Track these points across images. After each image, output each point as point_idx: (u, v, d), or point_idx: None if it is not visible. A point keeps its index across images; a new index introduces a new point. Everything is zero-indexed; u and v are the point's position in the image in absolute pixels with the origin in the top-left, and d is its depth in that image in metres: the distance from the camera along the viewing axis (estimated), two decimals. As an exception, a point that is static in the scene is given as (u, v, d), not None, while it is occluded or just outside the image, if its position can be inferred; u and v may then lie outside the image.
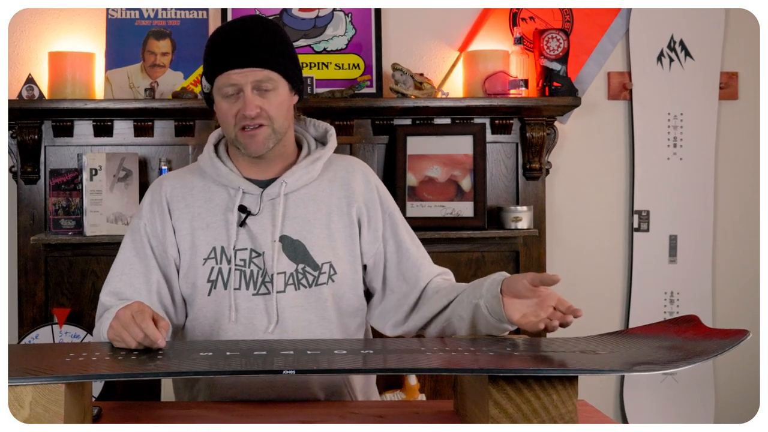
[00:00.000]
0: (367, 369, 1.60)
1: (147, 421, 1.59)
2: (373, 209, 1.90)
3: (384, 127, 3.04)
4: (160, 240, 1.86)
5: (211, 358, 1.52)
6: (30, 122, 2.97)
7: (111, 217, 2.92)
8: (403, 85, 2.97)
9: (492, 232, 2.99)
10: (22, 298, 3.01)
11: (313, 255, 1.84)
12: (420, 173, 3.02)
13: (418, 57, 3.12)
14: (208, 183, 1.88)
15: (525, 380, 1.41)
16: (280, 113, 1.80)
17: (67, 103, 2.91)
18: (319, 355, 1.55)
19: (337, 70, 3.05)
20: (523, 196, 3.09)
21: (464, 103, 2.96)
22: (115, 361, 1.54)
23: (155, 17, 3.04)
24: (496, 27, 3.10)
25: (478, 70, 3.02)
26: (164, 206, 1.87)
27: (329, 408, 1.72)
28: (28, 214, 3.03)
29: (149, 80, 3.02)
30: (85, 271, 3.00)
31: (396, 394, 2.98)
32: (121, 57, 3.03)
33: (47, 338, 2.96)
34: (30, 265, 3.01)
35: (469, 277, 3.04)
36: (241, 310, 1.82)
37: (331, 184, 1.89)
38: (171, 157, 3.03)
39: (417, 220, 2.97)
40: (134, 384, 2.95)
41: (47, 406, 1.38)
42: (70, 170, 2.97)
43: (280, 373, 1.42)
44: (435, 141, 3.03)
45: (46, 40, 3.08)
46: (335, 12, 3.07)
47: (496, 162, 3.09)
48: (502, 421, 1.41)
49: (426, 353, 1.56)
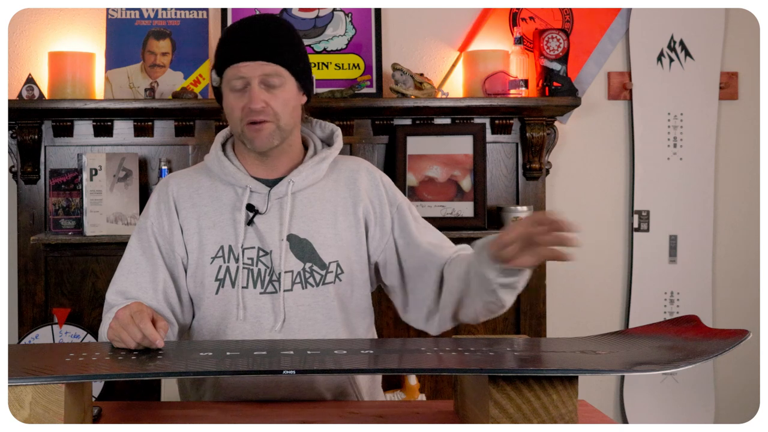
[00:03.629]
0: (367, 369, 1.60)
1: (147, 421, 1.60)
2: (380, 205, 1.90)
3: (384, 127, 3.04)
4: (167, 239, 1.86)
5: (211, 358, 1.52)
6: (30, 122, 2.97)
7: (111, 217, 2.92)
8: (403, 85, 2.96)
9: (492, 232, 2.98)
10: (22, 298, 3.01)
11: (321, 254, 1.84)
12: (420, 173, 3.02)
13: (418, 57, 3.12)
14: (216, 182, 1.88)
15: (525, 380, 1.41)
16: (286, 110, 1.80)
17: (67, 103, 2.90)
18: (320, 355, 1.55)
19: (337, 70, 3.05)
20: (523, 196, 3.09)
21: (464, 103, 2.96)
22: (115, 361, 1.54)
23: (155, 17, 3.04)
24: (496, 27, 3.10)
25: (478, 70, 3.02)
26: (171, 205, 1.88)
27: (329, 408, 1.72)
28: (28, 214, 3.03)
29: (149, 80, 3.02)
30: (85, 271, 3.00)
31: (396, 394, 2.98)
32: (121, 57, 3.02)
33: (47, 338, 2.95)
34: (30, 265, 3.01)
35: (469, 277, 3.05)
36: (249, 309, 1.82)
37: (336, 183, 1.89)
38: (171, 157, 3.02)
39: (417, 220, 2.98)
40: (134, 384, 2.95)
41: (47, 406, 1.38)
42: (70, 170, 2.97)
43: (280, 373, 1.42)
44: (435, 141, 3.03)
45: (46, 40, 3.07)
46: (335, 12, 3.07)
47: (496, 162, 3.09)
48: (502, 421, 1.41)
49: (426, 353, 1.56)
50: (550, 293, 3.11)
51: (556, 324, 3.14)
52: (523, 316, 3.07)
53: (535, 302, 3.07)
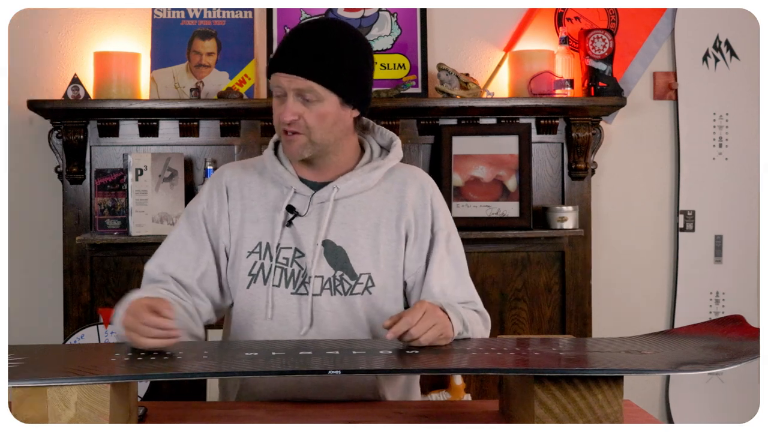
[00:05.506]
0: (413, 369, 1.58)
1: (193, 421, 1.59)
2: (423, 227, 1.86)
3: (429, 127, 3.04)
4: (215, 226, 1.87)
5: (256, 358, 1.52)
6: (75, 122, 2.97)
7: (156, 217, 2.92)
8: (449, 85, 2.96)
9: (537, 232, 2.98)
10: (68, 298, 3.01)
11: (354, 264, 1.82)
12: (465, 173, 3.02)
13: (464, 57, 3.11)
14: (265, 179, 1.88)
15: (570, 380, 1.41)
16: (321, 125, 1.76)
17: (113, 103, 2.91)
18: (365, 355, 1.55)
19: (383, 70, 3.04)
20: (569, 196, 3.09)
21: (510, 103, 2.96)
22: (160, 361, 1.53)
23: (201, 17, 3.04)
24: (541, 27, 3.09)
25: (523, 70, 3.02)
26: (223, 193, 1.88)
27: (375, 408, 1.71)
28: (74, 214, 3.03)
29: (194, 80, 3.02)
30: (130, 272, 3.00)
31: (441, 394, 2.98)
32: (166, 57, 3.02)
33: (93, 338, 2.95)
34: (75, 266, 3.01)
35: (515, 277, 3.05)
36: (277, 308, 1.82)
37: (386, 194, 1.86)
38: (216, 157, 3.02)
39: (462, 220, 2.96)
40: (180, 384, 2.94)
41: (92, 406, 1.38)
42: (115, 170, 2.97)
43: (325, 374, 1.43)
44: (480, 141, 3.02)
45: (92, 40, 3.07)
46: (381, 12, 3.07)
47: (541, 162, 3.09)
48: (547, 421, 1.41)
49: (472, 353, 1.57)
50: (595, 293, 3.10)
51: (602, 324, 3.13)
52: (569, 316, 3.07)
53: (580, 302, 3.07)
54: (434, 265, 1.84)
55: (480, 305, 1.87)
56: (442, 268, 1.85)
